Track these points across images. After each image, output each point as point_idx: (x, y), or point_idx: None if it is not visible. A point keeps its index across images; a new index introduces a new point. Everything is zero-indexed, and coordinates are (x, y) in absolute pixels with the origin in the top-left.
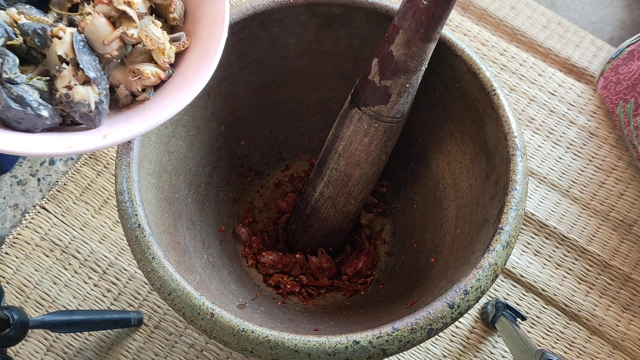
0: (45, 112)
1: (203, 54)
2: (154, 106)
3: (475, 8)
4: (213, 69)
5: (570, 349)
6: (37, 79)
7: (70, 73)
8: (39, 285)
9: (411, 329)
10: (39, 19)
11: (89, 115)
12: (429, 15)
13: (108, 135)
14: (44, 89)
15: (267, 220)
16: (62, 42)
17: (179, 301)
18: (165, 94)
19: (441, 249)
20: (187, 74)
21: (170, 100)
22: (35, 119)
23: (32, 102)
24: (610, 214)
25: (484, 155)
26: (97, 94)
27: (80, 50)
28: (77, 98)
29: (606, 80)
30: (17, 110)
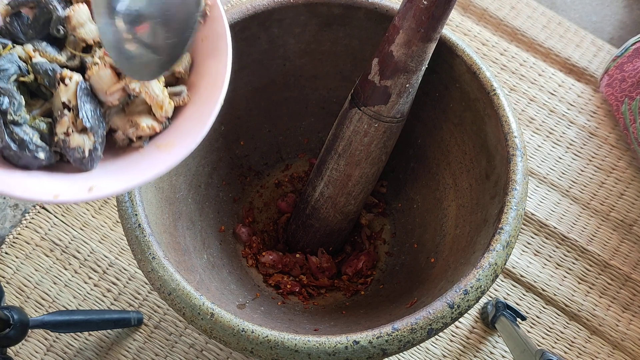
0: (42, 155)
1: (197, 117)
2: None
3: (475, 8)
4: (202, 136)
5: (570, 349)
6: (40, 120)
7: (70, 120)
8: (39, 285)
9: (411, 329)
10: (53, 57)
11: (82, 160)
12: (429, 15)
13: (94, 188)
14: (44, 131)
15: (267, 220)
16: (67, 88)
17: (179, 301)
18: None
19: (441, 249)
20: (179, 133)
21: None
22: (32, 160)
23: (31, 144)
24: (610, 214)
25: (484, 155)
26: (92, 142)
27: (82, 99)
28: (72, 145)
29: (611, 77)
30: (16, 151)
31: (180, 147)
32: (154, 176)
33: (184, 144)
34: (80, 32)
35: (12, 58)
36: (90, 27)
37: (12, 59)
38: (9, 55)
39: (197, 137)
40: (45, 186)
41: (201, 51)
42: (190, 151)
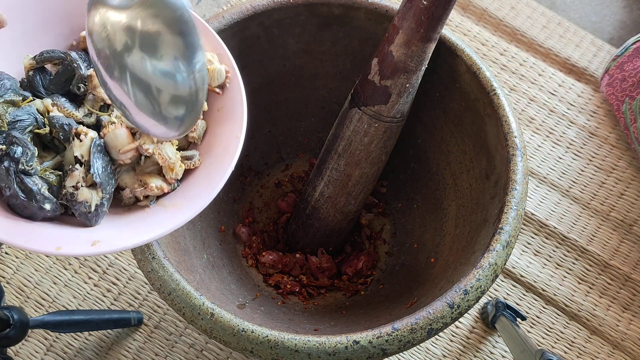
0: (48, 206)
1: (207, 181)
2: (149, 220)
3: (475, 8)
4: (210, 200)
5: (570, 349)
6: (50, 172)
7: (81, 174)
8: (39, 285)
9: (411, 329)
10: (69, 112)
11: (87, 215)
12: (429, 15)
13: (97, 243)
14: (53, 183)
15: (267, 220)
16: (82, 144)
17: (179, 301)
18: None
19: (441, 249)
20: (187, 196)
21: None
22: (37, 210)
23: (38, 195)
24: (610, 214)
25: (484, 155)
26: (100, 197)
27: (95, 155)
28: (80, 199)
29: (611, 77)
30: (23, 200)
31: (187, 209)
32: (159, 236)
33: (192, 206)
34: (100, 92)
35: (30, 110)
36: None
37: (30, 110)
38: (28, 107)
39: (205, 200)
40: (48, 237)
41: (216, 119)
42: (197, 214)
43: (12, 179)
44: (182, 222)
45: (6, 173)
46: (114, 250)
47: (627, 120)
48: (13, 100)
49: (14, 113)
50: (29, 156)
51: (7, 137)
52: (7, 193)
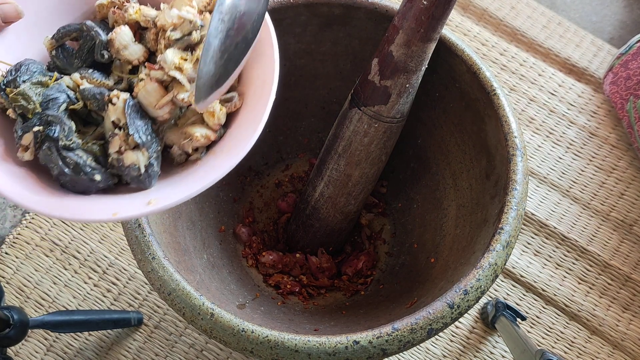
0: (98, 177)
1: (251, 118)
2: (201, 170)
3: (475, 8)
4: (257, 134)
5: (570, 349)
6: (93, 143)
7: (121, 138)
8: (39, 285)
9: (411, 329)
10: (100, 82)
11: (139, 178)
12: (429, 16)
13: (153, 201)
14: (98, 153)
15: (267, 220)
16: (115, 107)
17: (179, 301)
18: (212, 157)
19: (441, 249)
20: (235, 137)
21: (216, 165)
22: (88, 183)
23: (86, 167)
24: (610, 214)
25: (484, 155)
26: (147, 157)
27: (132, 116)
28: (127, 162)
29: (615, 75)
30: (71, 175)
31: (234, 152)
32: (211, 182)
33: (238, 149)
34: (125, 54)
35: (60, 87)
36: (134, 48)
37: (61, 88)
38: (57, 85)
39: (249, 141)
40: (103, 206)
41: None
42: (244, 155)
43: (55, 157)
44: (232, 165)
45: (49, 153)
46: (171, 204)
47: (632, 118)
48: (41, 81)
49: (45, 93)
50: (67, 131)
51: (42, 117)
52: (55, 172)
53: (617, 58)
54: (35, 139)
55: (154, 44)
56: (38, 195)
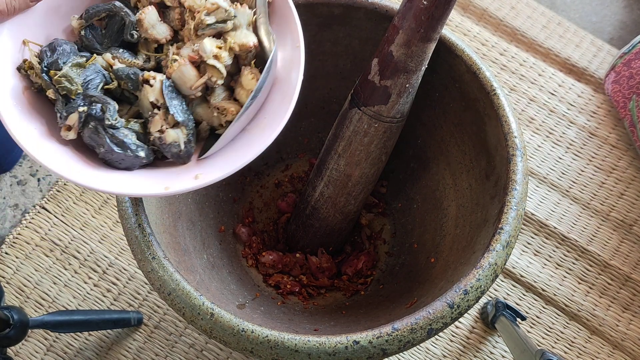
0: (142, 153)
1: (281, 94)
2: (238, 146)
3: (475, 8)
4: (291, 110)
5: (570, 349)
6: (134, 122)
7: (161, 118)
8: (39, 285)
9: (411, 329)
10: (130, 62)
11: (179, 154)
12: (429, 16)
13: (199, 176)
14: (139, 131)
15: (267, 220)
16: (153, 89)
17: (179, 301)
18: (247, 134)
19: (441, 249)
20: (267, 114)
21: (254, 140)
22: (134, 159)
23: (131, 145)
24: (610, 214)
25: (484, 155)
26: (185, 135)
27: (169, 96)
28: (168, 140)
29: (618, 74)
30: (119, 153)
31: (272, 126)
32: (253, 157)
33: (273, 125)
34: (152, 33)
35: (96, 68)
36: (161, 27)
37: (96, 68)
38: (93, 66)
39: (284, 117)
40: (154, 181)
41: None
42: (280, 131)
43: (103, 136)
44: (272, 138)
45: (95, 132)
46: (218, 178)
47: (634, 118)
48: (79, 63)
49: (83, 74)
50: (112, 111)
51: (86, 97)
52: (101, 150)
53: (619, 57)
54: (80, 119)
55: (177, 23)
56: (89, 172)
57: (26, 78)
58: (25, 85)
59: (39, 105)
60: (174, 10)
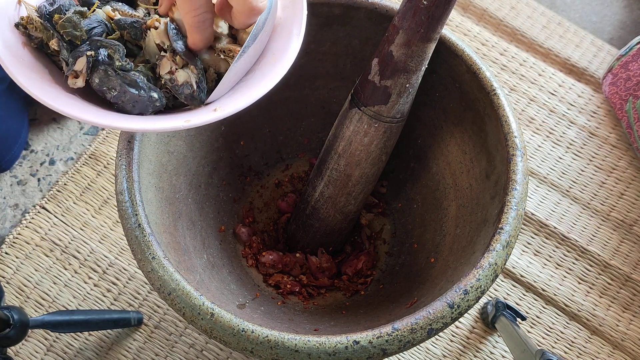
0: (155, 94)
1: (287, 31)
2: (251, 82)
3: (475, 8)
4: (299, 45)
5: (570, 349)
6: (142, 66)
7: (169, 59)
8: (39, 285)
9: (411, 329)
10: (131, 14)
11: (193, 95)
12: (429, 16)
13: (218, 109)
14: (150, 75)
15: (267, 220)
16: (158, 31)
17: (179, 301)
18: (259, 71)
19: (441, 249)
20: (275, 51)
21: (265, 75)
22: (147, 101)
23: (144, 85)
24: (610, 214)
25: (484, 155)
26: (196, 74)
27: (175, 37)
28: (180, 81)
29: (615, 76)
30: (133, 93)
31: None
32: (268, 89)
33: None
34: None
35: (97, 18)
36: None
37: (98, 18)
38: (94, 16)
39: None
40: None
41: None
42: (290, 65)
43: (114, 78)
44: (284, 70)
45: (106, 75)
46: (236, 110)
47: (631, 119)
48: (81, 11)
49: (86, 23)
50: (121, 53)
51: (92, 42)
52: (114, 94)
53: (617, 59)
54: (88, 64)
55: None
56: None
57: (25, 35)
58: (24, 41)
59: (41, 61)
60: None
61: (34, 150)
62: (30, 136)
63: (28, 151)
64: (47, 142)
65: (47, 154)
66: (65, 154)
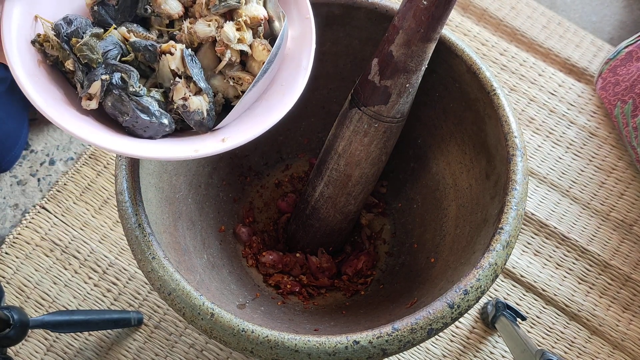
0: (165, 120)
1: (296, 62)
2: (259, 112)
3: (475, 8)
4: (307, 77)
5: (570, 349)
6: (155, 91)
7: (184, 85)
8: (39, 285)
9: (411, 329)
10: (145, 35)
11: (202, 121)
12: (429, 16)
13: (227, 139)
14: (161, 100)
15: (267, 220)
16: (174, 57)
17: (179, 301)
18: (265, 102)
19: (441, 249)
20: (283, 82)
21: (274, 106)
22: (158, 127)
23: (155, 112)
24: (610, 214)
25: (484, 155)
26: (208, 102)
27: (190, 64)
28: (192, 108)
29: (604, 81)
30: (144, 119)
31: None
32: (275, 121)
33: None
34: (166, 9)
35: (113, 40)
36: (173, 3)
37: (114, 40)
38: (110, 38)
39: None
40: (180, 146)
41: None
42: (297, 97)
43: (127, 103)
44: (292, 102)
45: (120, 99)
46: (243, 142)
47: (620, 124)
48: (97, 33)
49: (102, 45)
50: (135, 79)
51: (107, 66)
52: (126, 118)
53: (605, 63)
54: (102, 87)
55: (188, 0)
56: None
57: (41, 52)
58: (40, 59)
59: (55, 78)
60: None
61: (34, 150)
62: (30, 136)
63: (28, 151)
64: (47, 142)
65: (47, 154)
66: (65, 154)
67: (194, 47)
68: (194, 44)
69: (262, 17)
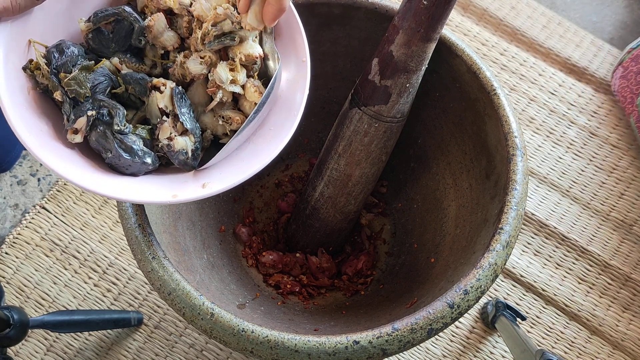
0: (149, 160)
1: (287, 107)
2: (244, 156)
3: (475, 8)
4: (296, 123)
5: (570, 349)
6: (141, 128)
7: (171, 125)
8: (39, 285)
9: (411, 329)
10: (137, 67)
11: (186, 161)
12: (429, 15)
13: (207, 185)
14: (147, 137)
15: (267, 220)
16: (163, 95)
17: (179, 301)
18: (253, 145)
19: (441, 249)
20: (272, 126)
21: (261, 151)
22: (140, 166)
23: (139, 151)
24: (610, 214)
25: (484, 155)
26: (193, 142)
27: (179, 103)
28: (177, 148)
29: (626, 69)
30: (126, 159)
31: (278, 138)
32: (260, 167)
33: (281, 134)
34: (161, 40)
35: (104, 72)
36: (169, 34)
37: (104, 72)
38: (101, 69)
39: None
40: (161, 189)
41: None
42: (286, 142)
43: (111, 141)
44: (279, 149)
45: (104, 136)
46: (225, 188)
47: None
48: (87, 66)
49: (92, 78)
50: (121, 117)
51: (94, 101)
52: (109, 155)
53: (627, 52)
54: (88, 123)
55: (185, 32)
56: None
57: (32, 78)
58: (31, 86)
59: (44, 106)
60: (182, 19)
61: None
62: None
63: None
64: None
65: None
66: None
67: (185, 81)
68: (186, 78)
69: (257, 55)
